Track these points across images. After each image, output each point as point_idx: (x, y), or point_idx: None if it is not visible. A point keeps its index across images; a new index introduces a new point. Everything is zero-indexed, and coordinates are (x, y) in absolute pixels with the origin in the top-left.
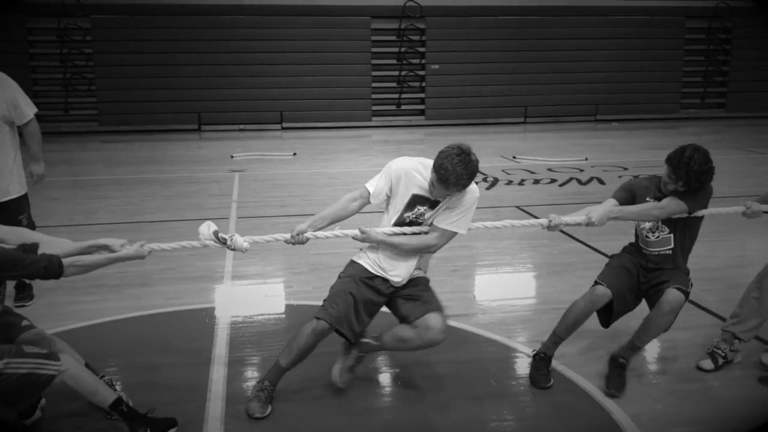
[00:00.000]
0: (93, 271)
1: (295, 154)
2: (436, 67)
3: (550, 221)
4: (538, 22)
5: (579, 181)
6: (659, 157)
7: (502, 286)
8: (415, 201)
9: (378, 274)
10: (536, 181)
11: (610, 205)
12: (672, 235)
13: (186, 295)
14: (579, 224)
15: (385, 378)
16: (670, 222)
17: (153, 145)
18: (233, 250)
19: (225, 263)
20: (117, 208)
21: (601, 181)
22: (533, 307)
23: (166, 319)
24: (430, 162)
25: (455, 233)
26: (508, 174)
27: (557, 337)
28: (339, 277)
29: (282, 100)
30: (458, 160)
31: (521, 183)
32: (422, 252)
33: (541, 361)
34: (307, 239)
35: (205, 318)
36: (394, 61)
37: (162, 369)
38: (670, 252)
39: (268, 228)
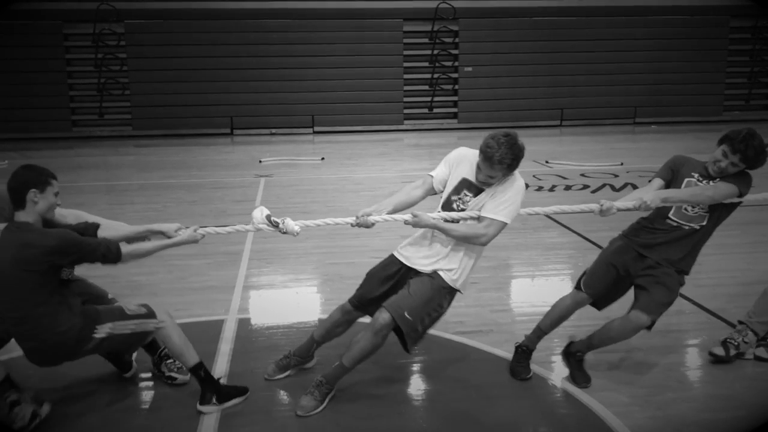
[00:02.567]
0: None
1: (323, 158)
2: (469, 69)
3: (602, 206)
4: (573, 23)
5: (612, 187)
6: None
7: (520, 300)
8: (462, 185)
9: (401, 261)
10: (568, 187)
11: (657, 186)
12: (708, 215)
13: (193, 306)
14: (630, 209)
15: (373, 397)
16: None
17: (185, 149)
18: (284, 233)
19: (239, 273)
20: (138, 213)
21: (635, 187)
22: None
23: None
24: None
25: (503, 223)
26: (539, 180)
27: (541, 332)
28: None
29: (314, 104)
30: (504, 140)
31: (552, 189)
32: (471, 241)
33: (523, 353)
34: (373, 223)
35: (210, 332)
36: (426, 64)
37: (153, 388)
38: (699, 228)
39: (283, 236)
